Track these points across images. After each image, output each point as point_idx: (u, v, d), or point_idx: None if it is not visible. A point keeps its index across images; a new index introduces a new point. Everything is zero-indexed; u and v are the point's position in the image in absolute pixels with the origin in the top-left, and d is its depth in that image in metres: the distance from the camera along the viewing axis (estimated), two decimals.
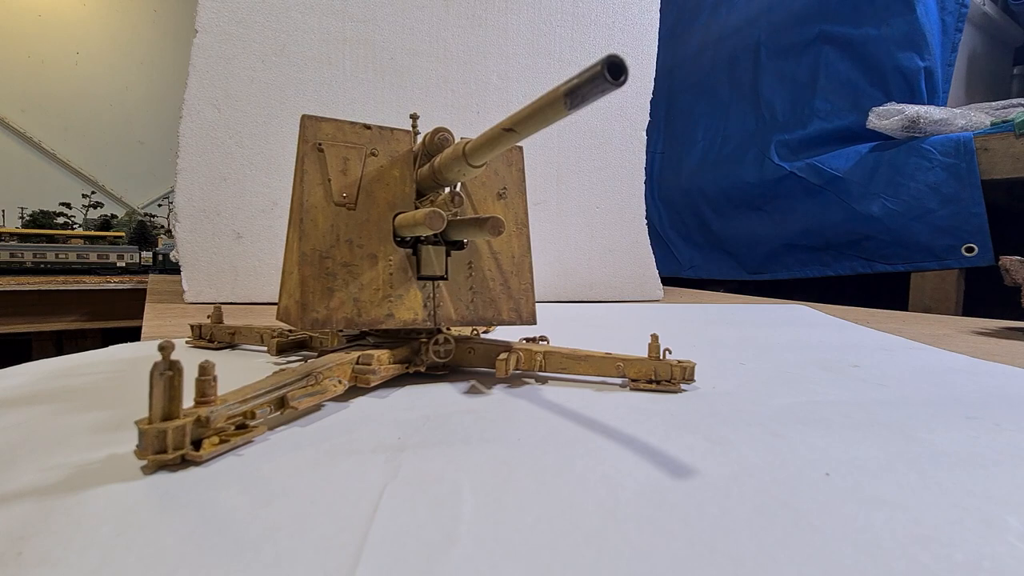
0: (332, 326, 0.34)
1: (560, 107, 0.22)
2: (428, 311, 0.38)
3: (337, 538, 0.17)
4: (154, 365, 0.22)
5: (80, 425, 0.28)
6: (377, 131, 0.39)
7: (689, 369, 0.38)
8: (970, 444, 0.28)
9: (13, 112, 2.34)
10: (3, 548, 0.16)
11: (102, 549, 0.17)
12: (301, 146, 0.37)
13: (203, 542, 0.17)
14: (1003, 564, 0.17)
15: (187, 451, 0.23)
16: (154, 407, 0.22)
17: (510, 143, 0.28)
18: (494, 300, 0.41)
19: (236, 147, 0.88)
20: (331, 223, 0.36)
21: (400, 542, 0.17)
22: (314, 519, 0.18)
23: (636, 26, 1.17)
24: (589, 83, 0.20)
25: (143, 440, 0.22)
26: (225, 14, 0.86)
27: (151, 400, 0.22)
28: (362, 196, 0.37)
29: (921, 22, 1.27)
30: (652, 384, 0.37)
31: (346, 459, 0.24)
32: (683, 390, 0.37)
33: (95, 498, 0.20)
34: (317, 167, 0.36)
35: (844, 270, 1.42)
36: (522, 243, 0.43)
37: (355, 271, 0.36)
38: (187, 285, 0.86)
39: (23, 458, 0.23)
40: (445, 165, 0.34)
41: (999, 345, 0.63)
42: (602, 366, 0.38)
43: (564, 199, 1.13)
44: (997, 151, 1.14)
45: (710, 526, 0.19)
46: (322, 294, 0.34)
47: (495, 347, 0.40)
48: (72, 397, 0.33)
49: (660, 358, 0.38)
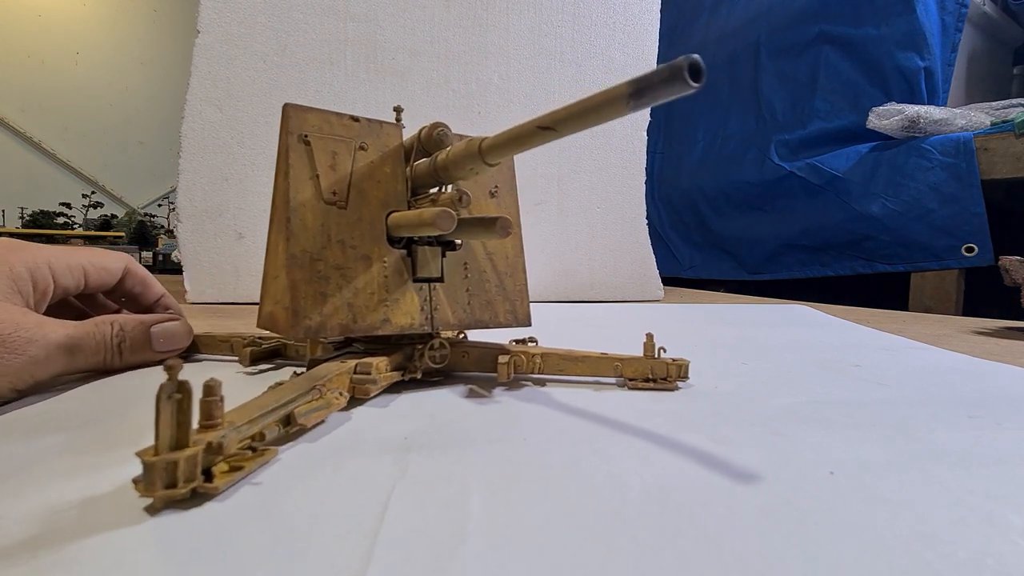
0: (327, 334, 0.33)
1: (621, 106, 0.21)
2: (425, 315, 0.36)
3: (348, 538, 0.17)
4: (161, 387, 0.19)
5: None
6: (366, 124, 0.37)
7: (684, 367, 0.38)
8: (972, 443, 0.28)
9: (13, 112, 2.34)
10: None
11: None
12: (284, 138, 0.34)
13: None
14: (1006, 561, 0.17)
15: (199, 483, 0.20)
16: (161, 435, 0.19)
17: (541, 143, 0.26)
18: (490, 302, 0.40)
19: (238, 147, 0.88)
20: (321, 222, 0.33)
21: (410, 541, 0.17)
22: (325, 520, 0.19)
23: (636, 26, 1.17)
24: (665, 83, 0.19)
25: (149, 474, 0.19)
26: (227, 14, 0.86)
27: (158, 427, 0.19)
28: (353, 193, 0.35)
29: (921, 22, 1.28)
30: (649, 383, 0.37)
31: (363, 468, 0.24)
32: (679, 387, 0.38)
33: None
34: (304, 161, 0.34)
35: (844, 270, 1.42)
36: (515, 243, 0.42)
37: (348, 274, 0.34)
38: (189, 285, 0.86)
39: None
40: (454, 162, 0.32)
41: (999, 345, 0.63)
42: (599, 366, 0.38)
43: (564, 199, 1.13)
44: (997, 151, 1.15)
45: (716, 525, 0.19)
46: (315, 299, 0.32)
47: (490, 350, 0.39)
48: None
49: (655, 357, 0.38)
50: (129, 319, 0.37)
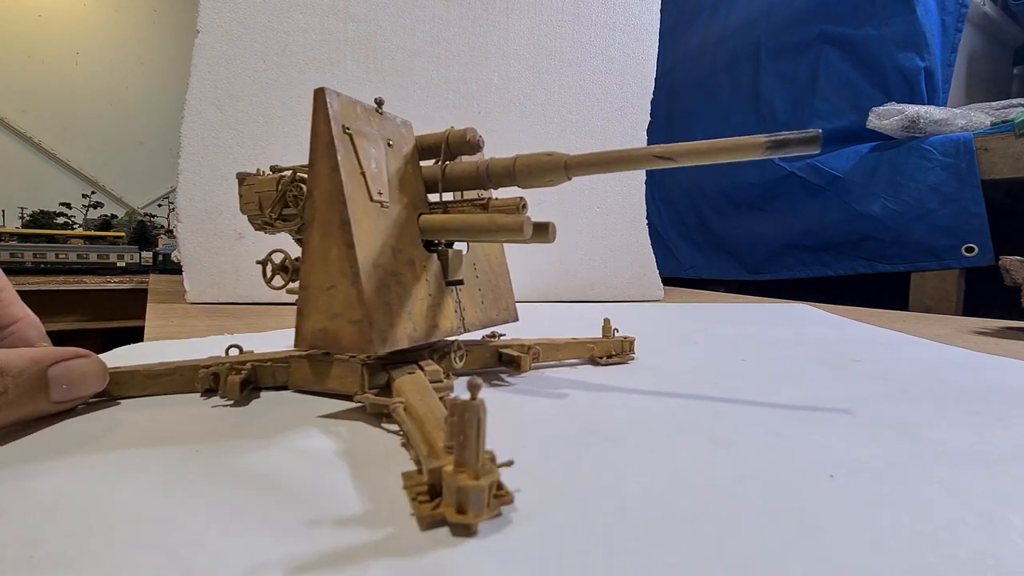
0: (397, 345, 0.30)
1: (757, 151, 0.27)
2: (459, 317, 0.36)
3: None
4: (469, 404, 0.18)
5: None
6: (388, 118, 0.35)
7: (629, 342, 0.47)
8: (973, 441, 0.28)
9: (13, 112, 2.34)
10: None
11: None
12: (323, 127, 0.30)
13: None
14: (1007, 561, 0.17)
15: (489, 512, 0.18)
16: (470, 454, 0.18)
17: (645, 167, 0.29)
18: (496, 300, 0.42)
19: (238, 147, 0.88)
20: (374, 225, 0.31)
21: (407, 543, 0.17)
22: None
23: (636, 26, 1.17)
24: (800, 143, 0.26)
25: (466, 497, 0.18)
26: (226, 14, 0.86)
27: (466, 446, 0.18)
28: (392, 193, 0.33)
29: (921, 22, 1.27)
30: (613, 358, 0.46)
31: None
32: (634, 358, 0.47)
33: None
34: (351, 155, 0.31)
35: (845, 270, 1.42)
36: (501, 244, 0.43)
37: (402, 280, 0.32)
38: (189, 285, 0.86)
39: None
40: (532, 172, 0.32)
41: (999, 345, 0.63)
42: (578, 350, 0.45)
43: (564, 199, 1.13)
44: (997, 151, 1.15)
45: (717, 527, 0.19)
46: (384, 310, 0.30)
47: (483, 348, 0.41)
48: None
49: (612, 337, 0.47)
50: (11, 358, 0.24)
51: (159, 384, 0.33)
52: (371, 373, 0.32)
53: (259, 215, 0.38)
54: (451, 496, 0.18)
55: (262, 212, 0.38)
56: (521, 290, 1.08)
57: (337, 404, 0.32)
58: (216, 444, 0.25)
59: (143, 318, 0.71)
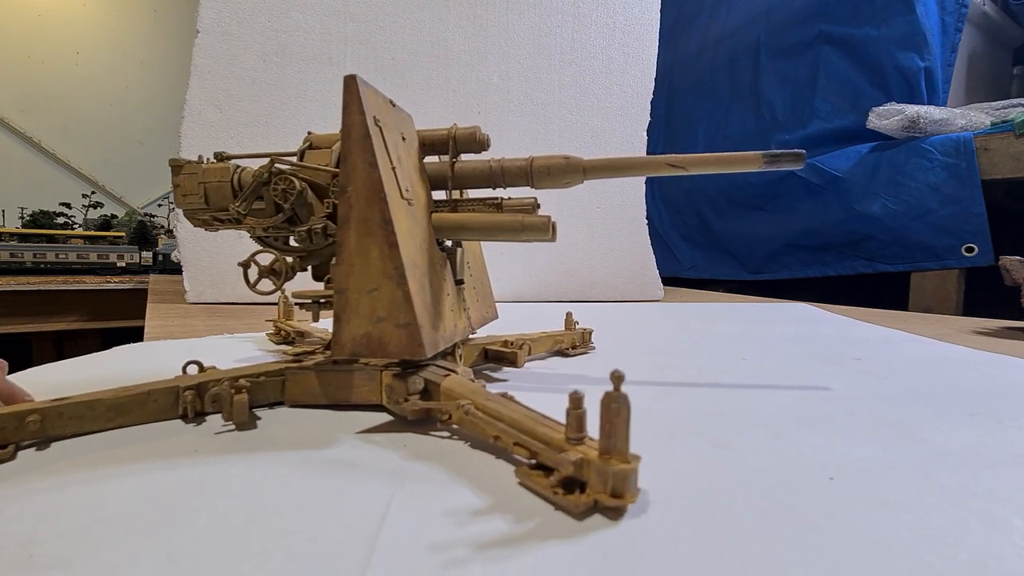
0: (440, 347, 0.29)
1: (756, 164, 0.30)
2: (467, 316, 0.36)
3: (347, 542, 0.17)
4: (616, 396, 0.18)
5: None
6: (399, 112, 0.33)
7: (587, 333, 0.51)
8: (973, 443, 0.28)
9: (13, 112, 2.34)
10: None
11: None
12: (358, 118, 0.28)
13: None
14: (1007, 563, 0.17)
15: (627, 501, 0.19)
16: (619, 441, 0.19)
17: (658, 174, 0.31)
18: (484, 299, 0.42)
19: (237, 147, 0.88)
20: (407, 222, 0.29)
21: (409, 545, 0.17)
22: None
23: (636, 26, 1.17)
24: (790, 159, 0.30)
25: (623, 481, 0.18)
26: (226, 14, 0.86)
27: (614, 434, 0.19)
28: (413, 190, 0.32)
29: (921, 22, 1.27)
30: (577, 348, 0.50)
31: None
32: (593, 348, 0.52)
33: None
34: (384, 149, 0.29)
35: (845, 270, 1.42)
36: (480, 246, 0.44)
37: (433, 280, 0.31)
38: (189, 285, 0.86)
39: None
40: (552, 174, 0.32)
41: (999, 345, 0.63)
42: (550, 344, 0.48)
43: (564, 199, 1.13)
44: (997, 151, 1.15)
45: (718, 529, 0.19)
46: (427, 311, 0.28)
47: (472, 347, 0.42)
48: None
49: (574, 330, 0.50)
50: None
51: (131, 415, 0.27)
52: (408, 379, 0.29)
53: (205, 209, 0.34)
54: (601, 482, 0.19)
55: (210, 206, 0.34)
56: (521, 290, 1.09)
57: (357, 417, 0.29)
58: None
59: (143, 318, 0.71)
